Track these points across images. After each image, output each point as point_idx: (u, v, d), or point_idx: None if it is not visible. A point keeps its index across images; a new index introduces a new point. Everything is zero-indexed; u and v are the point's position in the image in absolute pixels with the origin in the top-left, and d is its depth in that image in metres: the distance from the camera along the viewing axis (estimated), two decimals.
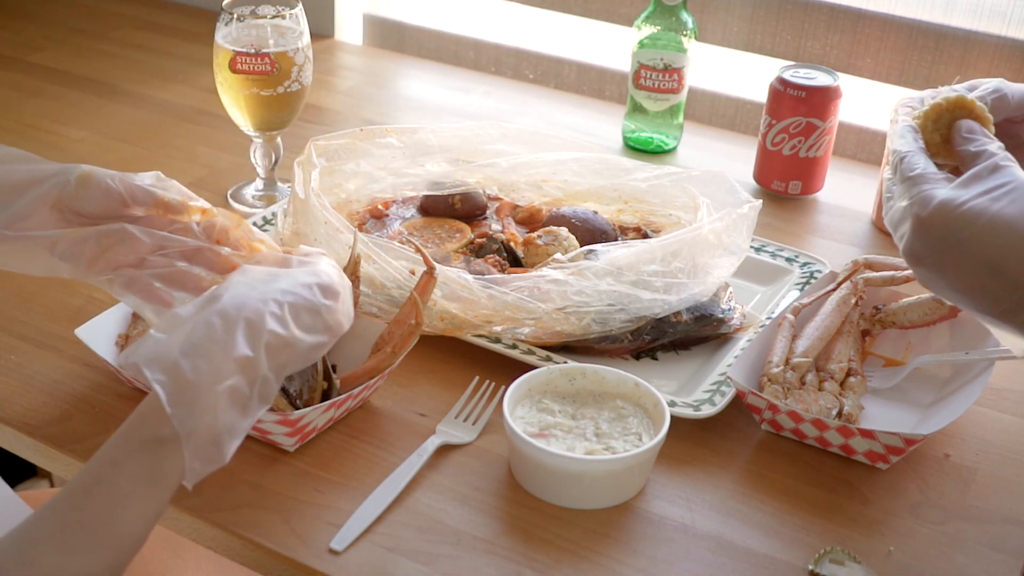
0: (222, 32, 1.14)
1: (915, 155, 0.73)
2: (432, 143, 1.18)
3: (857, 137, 1.44)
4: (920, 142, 0.75)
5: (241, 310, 0.69)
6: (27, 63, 1.60)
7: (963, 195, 0.68)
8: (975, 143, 0.72)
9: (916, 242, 0.70)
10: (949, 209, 0.68)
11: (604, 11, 1.55)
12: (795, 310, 0.98)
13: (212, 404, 0.66)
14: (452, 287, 0.96)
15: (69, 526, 0.62)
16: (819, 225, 1.27)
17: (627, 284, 0.97)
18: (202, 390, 0.65)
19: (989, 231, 0.66)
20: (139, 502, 0.63)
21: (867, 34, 1.40)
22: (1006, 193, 0.67)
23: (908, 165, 0.72)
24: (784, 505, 0.85)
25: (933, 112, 0.76)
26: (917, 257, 0.70)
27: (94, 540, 0.61)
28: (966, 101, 0.75)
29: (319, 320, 0.74)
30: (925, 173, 0.71)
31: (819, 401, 0.90)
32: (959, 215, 0.67)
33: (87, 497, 0.63)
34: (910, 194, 0.71)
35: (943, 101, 0.75)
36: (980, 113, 0.75)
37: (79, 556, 0.60)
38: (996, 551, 0.81)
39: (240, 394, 0.68)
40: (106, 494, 0.63)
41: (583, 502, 0.83)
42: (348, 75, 1.63)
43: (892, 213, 0.72)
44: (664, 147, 1.41)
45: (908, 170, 0.72)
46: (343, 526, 0.80)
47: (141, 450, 0.64)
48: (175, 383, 0.64)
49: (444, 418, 0.91)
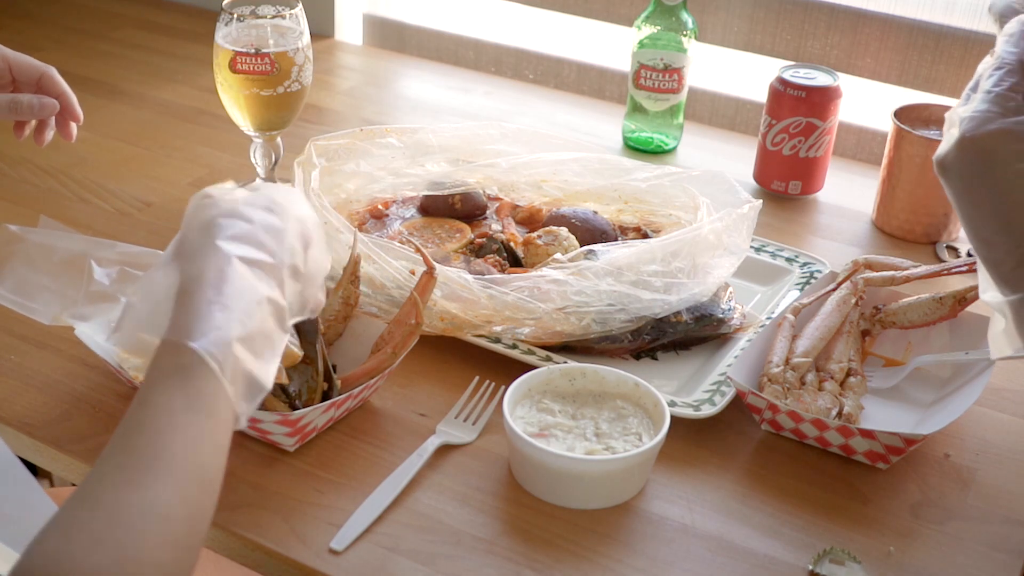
0: (222, 32, 1.14)
1: (1011, 71, 0.70)
2: (432, 143, 1.18)
3: (857, 137, 1.44)
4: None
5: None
6: None
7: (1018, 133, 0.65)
8: None
9: (952, 154, 0.68)
10: (998, 141, 0.65)
11: (604, 11, 1.55)
12: (795, 310, 0.98)
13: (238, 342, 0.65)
14: (452, 287, 0.96)
15: (125, 464, 0.61)
16: (819, 225, 1.27)
17: (627, 284, 0.97)
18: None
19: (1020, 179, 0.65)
20: (182, 431, 0.62)
21: (867, 34, 1.40)
22: None
23: (997, 78, 0.69)
24: (784, 505, 0.85)
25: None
26: (946, 168, 0.68)
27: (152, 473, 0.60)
28: None
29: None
30: (1004, 94, 0.68)
31: (819, 401, 0.90)
32: (1003, 152, 0.65)
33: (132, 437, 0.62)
34: (975, 107, 0.68)
35: None
36: None
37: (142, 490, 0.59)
38: (996, 551, 0.81)
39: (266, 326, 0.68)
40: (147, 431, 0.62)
41: (583, 502, 0.83)
42: (348, 75, 1.63)
43: (950, 114, 0.70)
44: (664, 147, 1.41)
45: (993, 84, 0.69)
46: (343, 526, 0.80)
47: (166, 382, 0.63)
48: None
49: (444, 418, 0.91)
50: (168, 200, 1.25)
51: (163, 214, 1.22)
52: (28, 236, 0.91)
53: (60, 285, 0.91)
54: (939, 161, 0.69)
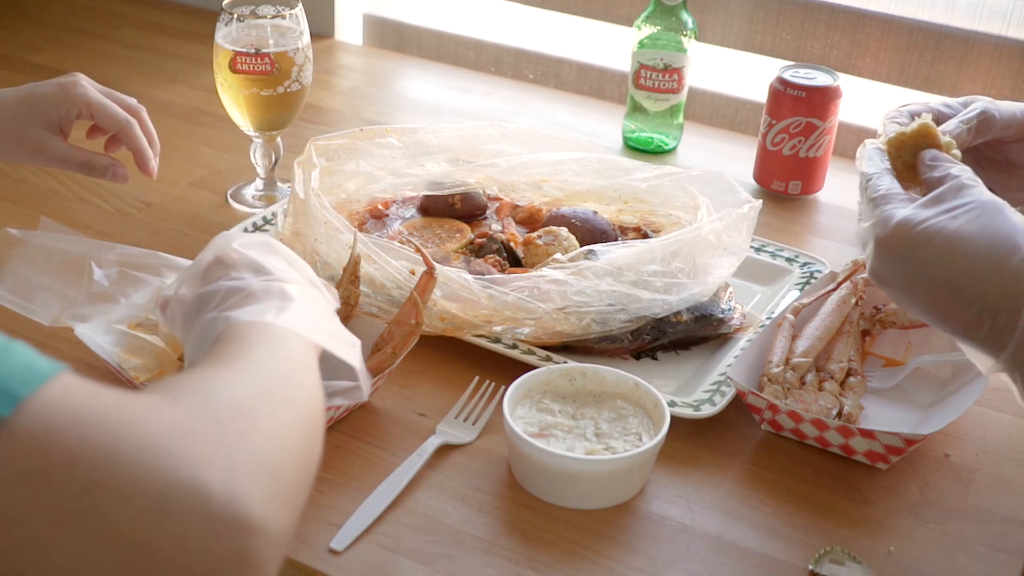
0: (222, 32, 1.14)
1: (880, 176, 0.74)
2: (432, 143, 1.18)
3: (857, 137, 1.43)
4: (886, 163, 0.75)
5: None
6: (27, 63, 1.60)
7: (923, 214, 0.68)
8: (938, 169, 0.72)
9: (878, 262, 0.70)
10: (908, 228, 0.68)
11: (604, 11, 1.55)
12: (795, 310, 0.98)
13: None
14: (452, 287, 0.96)
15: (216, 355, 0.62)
16: (819, 225, 1.27)
17: (627, 284, 0.97)
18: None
19: (947, 249, 0.67)
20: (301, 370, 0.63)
21: (867, 34, 1.40)
22: (966, 212, 0.67)
23: (873, 186, 0.73)
24: (784, 505, 0.85)
25: (896, 141, 0.76)
26: (880, 277, 0.71)
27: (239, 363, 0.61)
28: (929, 130, 0.75)
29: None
30: (888, 193, 0.71)
31: (819, 401, 0.90)
32: (917, 234, 0.68)
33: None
34: (873, 215, 0.71)
35: (908, 131, 0.76)
36: (942, 142, 0.75)
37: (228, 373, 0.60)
38: (996, 551, 0.81)
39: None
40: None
41: (583, 502, 0.83)
42: (348, 75, 1.63)
43: (859, 233, 0.73)
44: (664, 147, 1.41)
45: (872, 191, 0.73)
46: (343, 526, 0.80)
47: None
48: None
49: (444, 418, 0.91)
50: (168, 200, 1.25)
51: (163, 214, 1.22)
52: (29, 239, 0.91)
53: (60, 286, 0.91)
54: (872, 275, 0.71)
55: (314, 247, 1.02)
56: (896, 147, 0.76)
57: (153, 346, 0.89)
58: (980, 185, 0.70)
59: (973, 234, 0.66)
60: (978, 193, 0.69)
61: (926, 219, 0.68)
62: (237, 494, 0.50)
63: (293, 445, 0.57)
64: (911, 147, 0.75)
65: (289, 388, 0.61)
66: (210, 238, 1.14)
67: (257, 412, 0.56)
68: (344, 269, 0.95)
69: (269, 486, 0.52)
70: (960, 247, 0.66)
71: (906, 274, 0.69)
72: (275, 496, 0.53)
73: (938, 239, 0.67)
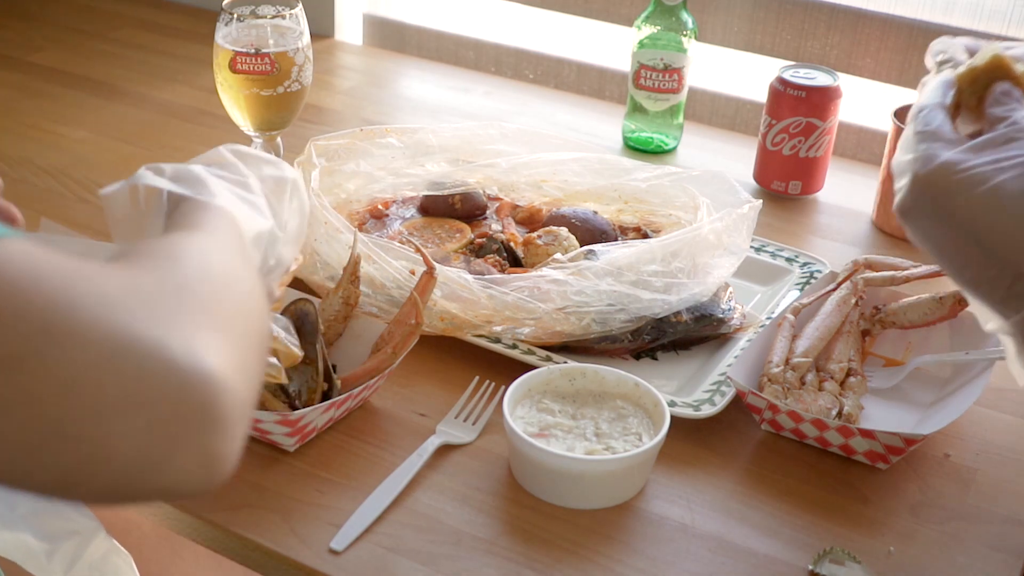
0: (222, 32, 1.14)
1: (935, 110, 0.70)
2: (432, 143, 1.18)
3: (857, 137, 1.44)
4: (949, 98, 0.71)
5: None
6: (27, 63, 1.60)
7: (968, 160, 0.65)
8: (1004, 107, 0.68)
9: (909, 198, 0.67)
10: (949, 171, 0.65)
11: (604, 11, 1.55)
12: (795, 310, 0.98)
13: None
14: (452, 287, 0.96)
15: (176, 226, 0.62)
16: (819, 225, 1.27)
17: (627, 284, 0.97)
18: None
19: (985, 202, 0.63)
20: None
21: (867, 34, 1.40)
22: (1014, 166, 0.64)
23: (924, 119, 0.69)
24: (784, 505, 0.85)
25: (969, 75, 0.71)
26: (907, 213, 0.67)
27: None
28: (1003, 61, 0.70)
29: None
30: (939, 130, 0.68)
31: (819, 401, 0.90)
32: (959, 180, 0.64)
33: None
34: (916, 149, 0.67)
35: (980, 63, 0.71)
36: (1019, 74, 0.70)
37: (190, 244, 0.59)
38: (996, 551, 0.81)
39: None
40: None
41: (583, 502, 0.83)
42: (348, 75, 1.63)
43: (896, 164, 0.69)
44: (664, 147, 1.41)
45: (923, 124, 0.69)
46: (343, 526, 0.80)
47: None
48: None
49: (444, 418, 0.91)
50: None
51: None
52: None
53: None
54: (899, 209, 0.68)
55: (314, 247, 1.02)
56: (969, 81, 0.71)
57: None
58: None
59: (1016, 192, 0.63)
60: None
61: (972, 166, 0.64)
62: (198, 352, 0.49)
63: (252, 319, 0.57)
64: (984, 81, 0.71)
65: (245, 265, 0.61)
66: None
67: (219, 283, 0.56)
68: (344, 269, 0.95)
69: (231, 351, 0.51)
70: (998, 202, 0.63)
71: (936, 217, 0.66)
72: (237, 362, 0.51)
73: (979, 189, 0.64)
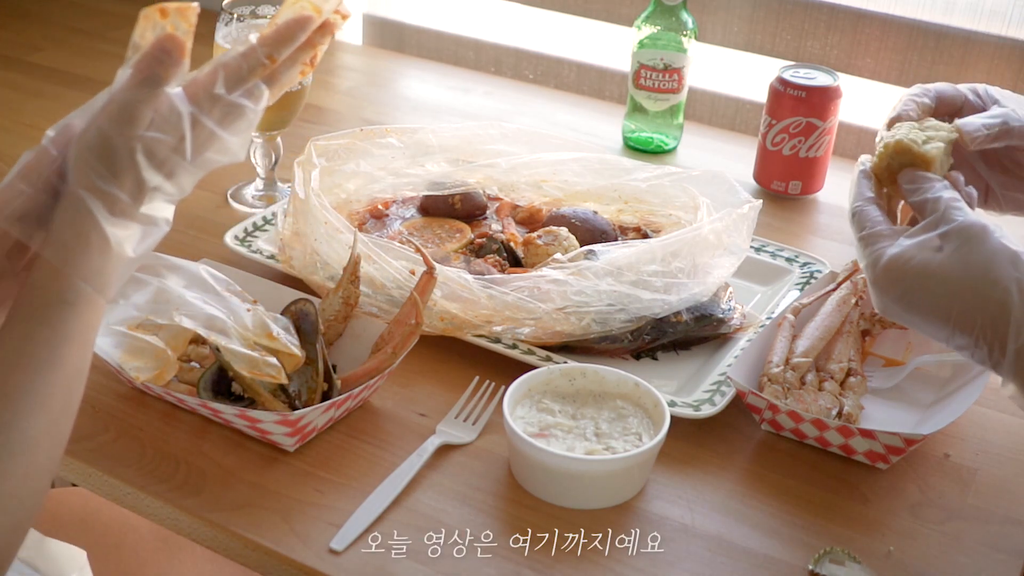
0: (222, 32, 1.14)
1: (864, 210, 0.76)
2: (432, 143, 1.18)
3: (857, 137, 1.44)
4: (871, 191, 0.77)
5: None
6: (27, 63, 1.60)
7: (908, 251, 0.71)
8: (918, 192, 0.74)
9: (877, 300, 0.73)
10: (896, 267, 0.71)
11: (604, 11, 1.55)
12: (795, 310, 0.98)
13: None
14: (452, 287, 0.96)
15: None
16: (819, 225, 1.27)
17: (627, 284, 0.97)
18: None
19: (934, 286, 0.69)
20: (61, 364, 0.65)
21: (867, 34, 1.40)
22: (948, 242, 0.70)
23: (859, 223, 0.75)
24: (784, 505, 0.85)
25: (878, 165, 0.78)
26: (884, 311, 0.73)
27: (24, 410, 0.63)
28: (903, 146, 0.76)
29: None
30: (874, 231, 0.74)
31: (819, 401, 0.90)
32: (904, 272, 0.70)
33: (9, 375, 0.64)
34: (865, 254, 0.73)
35: (883, 149, 0.77)
36: (920, 153, 0.76)
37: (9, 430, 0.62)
38: (996, 551, 0.81)
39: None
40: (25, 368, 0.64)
41: (583, 502, 0.83)
42: (348, 75, 1.63)
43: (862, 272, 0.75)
44: (664, 147, 1.41)
45: (859, 229, 0.75)
46: (343, 526, 0.80)
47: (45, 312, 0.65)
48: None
49: (444, 418, 0.91)
50: None
51: None
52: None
53: None
54: (877, 309, 0.74)
55: (314, 247, 1.02)
56: (883, 170, 0.78)
57: (153, 347, 0.89)
58: (962, 207, 0.71)
59: (956, 269, 0.69)
60: (961, 216, 0.71)
61: (912, 256, 0.70)
62: None
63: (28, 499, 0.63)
64: (896, 165, 0.77)
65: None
66: (210, 238, 1.15)
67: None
68: (344, 269, 0.95)
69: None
70: (945, 286, 0.69)
71: (904, 308, 0.71)
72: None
73: (924, 276, 0.70)
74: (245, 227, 1.13)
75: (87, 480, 0.87)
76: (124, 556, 1.01)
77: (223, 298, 0.88)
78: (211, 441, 0.88)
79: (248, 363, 0.83)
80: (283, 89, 0.74)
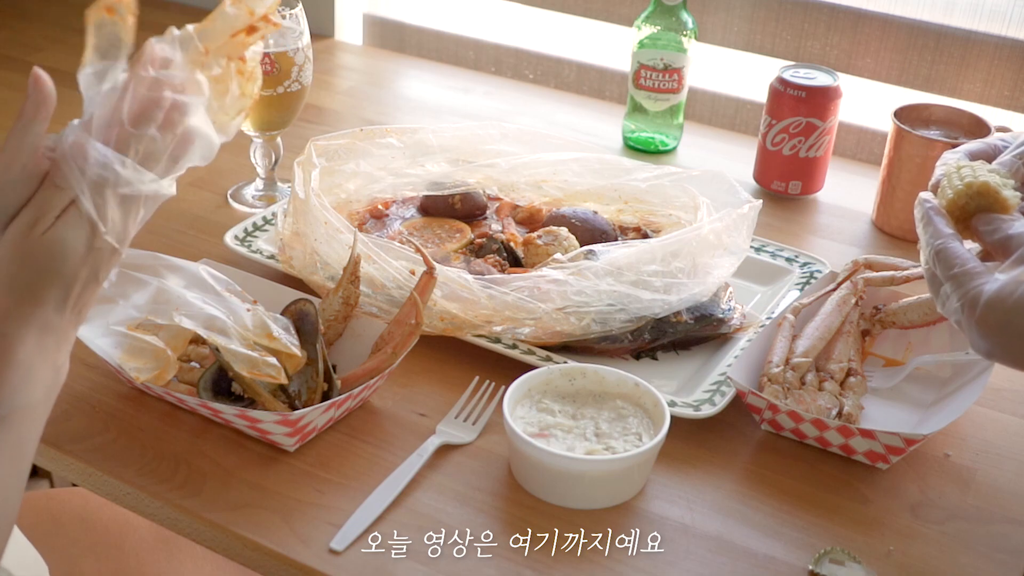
0: None
1: (950, 247, 0.74)
2: (432, 143, 1.18)
3: (857, 137, 1.44)
4: (949, 228, 0.76)
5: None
6: (27, 63, 1.60)
7: (1009, 286, 0.69)
8: (997, 232, 0.74)
9: (979, 340, 0.71)
10: (1000, 303, 0.69)
11: (604, 11, 1.55)
12: (795, 310, 0.98)
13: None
14: (452, 287, 0.96)
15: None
16: (819, 225, 1.27)
17: (627, 284, 0.97)
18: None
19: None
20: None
21: (867, 34, 1.40)
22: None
23: (947, 261, 0.73)
24: (784, 505, 0.85)
25: (958, 199, 0.77)
26: (985, 351, 0.71)
27: None
28: (988, 189, 0.76)
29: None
30: (967, 269, 0.72)
31: (819, 401, 0.90)
32: (1010, 307, 0.68)
33: None
34: (959, 294, 0.72)
35: (964, 187, 0.76)
36: (1002, 199, 0.75)
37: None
38: (996, 551, 0.81)
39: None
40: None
41: (583, 502, 0.83)
42: (348, 75, 1.63)
43: (948, 310, 0.73)
44: (664, 147, 1.41)
45: (948, 267, 0.73)
46: (343, 526, 0.80)
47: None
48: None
49: (444, 418, 0.91)
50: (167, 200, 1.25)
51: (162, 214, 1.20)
52: None
53: None
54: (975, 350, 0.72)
55: (314, 247, 1.02)
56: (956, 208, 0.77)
57: (153, 347, 0.89)
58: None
59: None
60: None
61: (1012, 291, 0.69)
62: None
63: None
64: (971, 206, 0.76)
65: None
66: (210, 238, 1.15)
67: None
68: (344, 269, 0.95)
69: None
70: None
71: (1008, 345, 0.70)
72: None
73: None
74: (245, 227, 1.13)
75: (87, 480, 0.87)
76: (124, 556, 1.01)
77: (223, 298, 0.88)
78: (211, 441, 0.88)
79: (248, 363, 0.83)
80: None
